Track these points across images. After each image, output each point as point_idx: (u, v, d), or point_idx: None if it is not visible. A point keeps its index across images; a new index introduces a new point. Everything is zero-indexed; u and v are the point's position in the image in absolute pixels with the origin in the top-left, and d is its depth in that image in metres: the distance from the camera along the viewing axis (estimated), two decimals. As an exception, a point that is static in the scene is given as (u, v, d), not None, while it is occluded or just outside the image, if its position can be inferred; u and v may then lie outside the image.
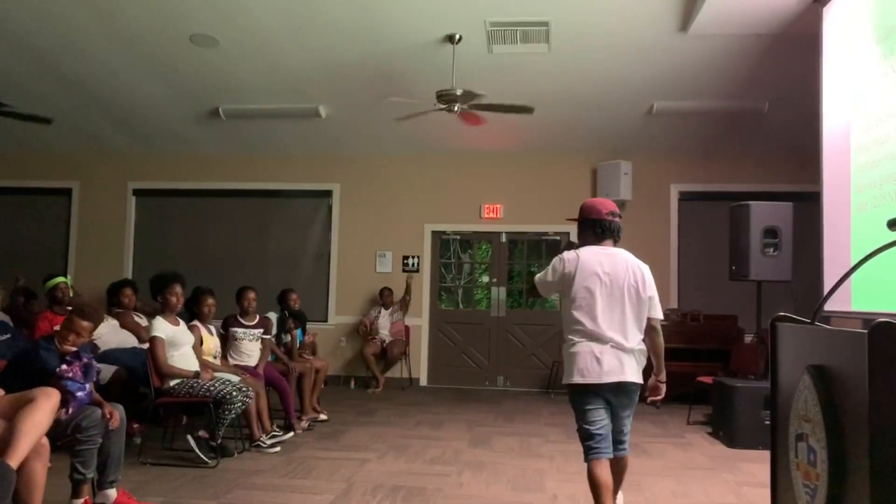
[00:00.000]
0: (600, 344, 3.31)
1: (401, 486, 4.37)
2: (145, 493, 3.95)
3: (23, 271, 8.29)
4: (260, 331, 6.02)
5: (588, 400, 3.34)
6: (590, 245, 3.45)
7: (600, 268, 3.35)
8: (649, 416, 7.30)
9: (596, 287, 3.33)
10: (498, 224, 9.39)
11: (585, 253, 3.40)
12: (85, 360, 3.59)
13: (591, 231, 3.47)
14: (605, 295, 3.33)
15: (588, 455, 3.30)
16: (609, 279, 3.34)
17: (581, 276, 3.34)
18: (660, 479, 4.72)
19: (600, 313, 3.32)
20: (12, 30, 6.50)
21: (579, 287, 3.34)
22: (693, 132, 8.33)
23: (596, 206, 3.52)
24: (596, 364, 3.30)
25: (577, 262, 3.36)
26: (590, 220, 3.47)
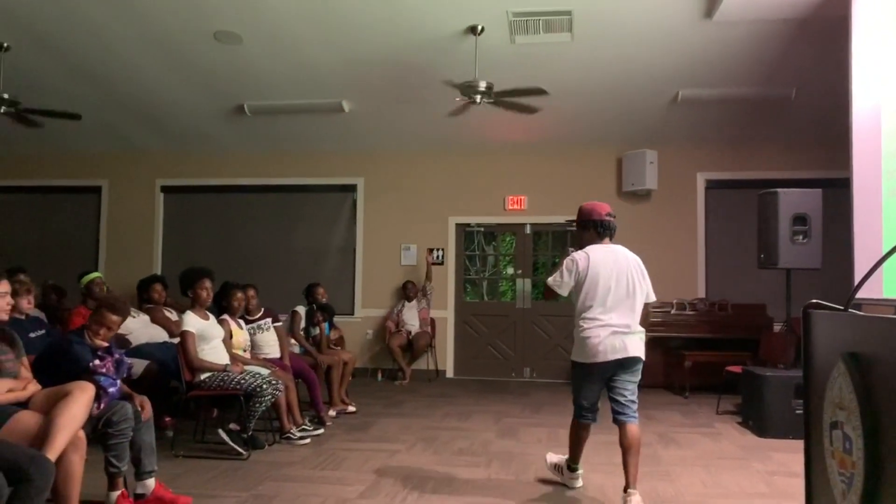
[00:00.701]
0: (609, 329, 3.85)
1: (430, 477, 4.40)
2: (179, 485, 4.02)
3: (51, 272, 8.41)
4: (268, 320, 6.09)
5: (589, 378, 3.96)
6: (593, 244, 4.00)
7: (607, 263, 3.91)
8: (678, 406, 7.27)
9: (604, 280, 3.88)
10: (522, 215, 9.37)
11: (593, 251, 3.95)
12: (117, 355, 3.65)
13: (594, 231, 4.03)
14: (613, 287, 3.88)
15: (578, 418, 4.10)
16: (615, 273, 3.90)
17: (593, 272, 3.89)
18: (690, 468, 4.70)
19: (610, 303, 3.87)
20: (41, 30, 6.60)
21: (591, 281, 3.88)
22: (719, 120, 8.24)
23: (596, 208, 4.07)
24: (605, 346, 3.84)
25: (587, 259, 3.91)
26: (592, 221, 4.03)
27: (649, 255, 8.76)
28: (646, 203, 9.03)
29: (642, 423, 6.21)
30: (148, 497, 3.61)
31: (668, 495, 4.07)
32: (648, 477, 4.45)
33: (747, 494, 4.15)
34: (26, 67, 7.17)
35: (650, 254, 8.76)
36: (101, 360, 3.55)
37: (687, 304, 8.53)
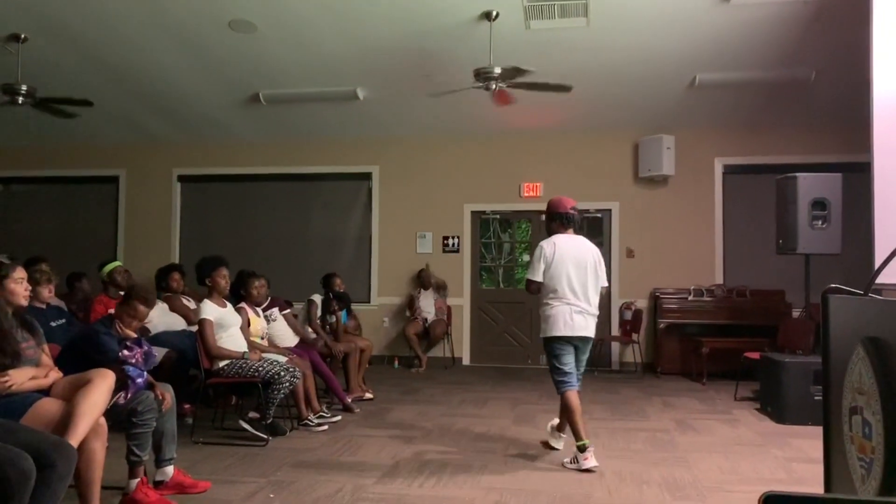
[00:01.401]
0: (572, 307, 4.44)
1: (447, 462, 4.42)
2: (198, 472, 4.06)
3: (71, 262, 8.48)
4: (274, 310, 6.14)
5: (562, 347, 4.49)
6: (559, 233, 4.55)
7: (570, 250, 4.48)
8: (696, 392, 7.25)
9: (569, 266, 4.45)
10: (538, 202, 9.31)
11: (559, 239, 4.51)
12: (145, 347, 3.68)
13: (560, 222, 4.58)
14: (575, 272, 4.45)
15: (563, 388, 4.47)
16: (577, 260, 4.47)
17: (559, 258, 4.45)
18: (707, 455, 4.68)
19: (574, 285, 4.45)
20: (58, 21, 6.63)
21: (558, 266, 4.44)
22: (737, 104, 8.15)
23: (562, 202, 4.62)
24: (571, 322, 4.43)
25: (554, 246, 4.48)
26: (558, 214, 4.57)
27: (666, 241, 8.83)
28: (663, 189, 8.96)
29: (660, 410, 6.24)
30: (167, 483, 3.66)
31: (685, 481, 4.06)
32: (666, 463, 4.45)
33: (765, 481, 4.13)
34: (44, 59, 7.22)
35: (667, 240, 8.84)
36: (130, 350, 3.58)
37: (704, 291, 8.48)
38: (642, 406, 6.47)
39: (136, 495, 3.42)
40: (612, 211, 9.14)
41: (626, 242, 9.06)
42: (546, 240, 4.55)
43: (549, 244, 4.49)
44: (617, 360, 9.00)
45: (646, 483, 4.02)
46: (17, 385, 2.99)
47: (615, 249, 9.10)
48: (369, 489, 3.88)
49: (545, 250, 4.48)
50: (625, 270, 9.05)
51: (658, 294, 8.66)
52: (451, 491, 3.86)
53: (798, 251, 6.29)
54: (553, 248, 4.46)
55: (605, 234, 9.24)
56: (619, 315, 9.01)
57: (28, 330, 3.22)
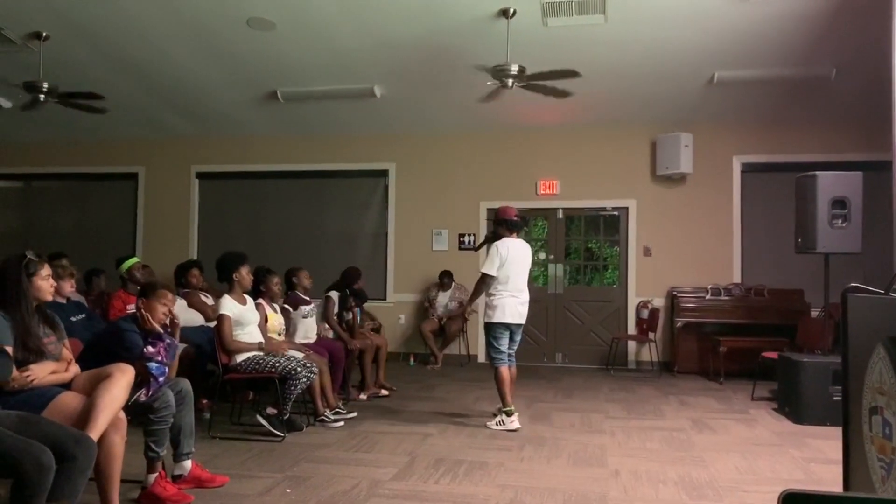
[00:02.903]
0: (516, 298, 5.43)
1: (462, 459, 4.42)
2: (216, 466, 4.09)
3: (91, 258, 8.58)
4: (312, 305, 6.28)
5: (504, 332, 5.44)
6: (506, 237, 5.47)
7: (516, 251, 5.44)
8: (713, 391, 7.21)
9: (515, 264, 5.41)
10: (554, 200, 9.31)
11: (508, 242, 5.45)
12: (168, 340, 3.70)
13: (507, 227, 5.50)
14: (518, 269, 5.43)
15: (499, 363, 5.40)
16: (520, 259, 5.45)
17: (510, 257, 5.39)
18: (724, 454, 4.66)
19: (518, 281, 5.44)
20: (78, 20, 6.70)
21: (508, 264, 5.39)
22: (756, 101, 8.09)
23: (509, 210, 5.59)
24: (515, 310, 5.43)
25: (507, 247, 5.41)
26: (506, 220, 5.51)
27: (683, 240, 8.79)
28: (680, 187, 8.92)
29: (676, 409, 6.21)
30: (185, 477, 3.69)
31: (701, 480, 4.04)
32: (682, 462, 4.43)
33: (783, 481, 4.10)
34: (64, 57, 7.29)
35: (684, 238, 8.80)
36: (154, 345, 3.60)
37: (722, 290, 8.42)
38: (659, 405, 6.44)
39: (154, 489, 3.45)
40: (629, 209, 9.10)
41: (643, 240, 9.02)
42: (500, 241, 5.44)
43: (503, 246, 5.41)
44: (633, 359, 8.97)
45: (662, 482, 4.01)
46: (38, 379, 3.03)
47: (632, 247, 9.06)
48: (385, 485, 3.89)
49: (500, 251, 5.38)
50: (641, 269, 9.01)
51: (675, 293, 8.62)
52: (466, 488, 3.86)
53: (817, 250, 6.23)
54: (507, 250, 5.39)
55: (621, 232, 9.20)
56: (636, 314, 8.98)
57: (49, 325, 3.26)
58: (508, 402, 5.35)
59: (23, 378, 2.97)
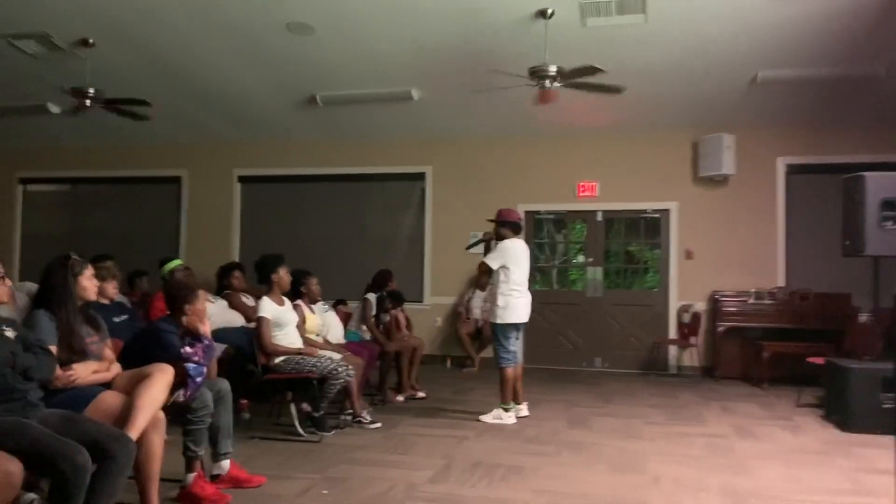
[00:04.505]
0: (525, 299, 5.69)
1: (499, 464, 4.39)
2: (254, 466, 4.12)
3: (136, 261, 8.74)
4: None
5: (514, 332, 5.68)
6: (511, 237, 5.71)
7: (520, 251, 5.70)
8: (756, 397, 7.05)
9: (520, 263, 5.67)
10: (593, 202, 9.22)
11: (514, 242, 5.70)
12: (206, 342, 3.73)
13: (511, 228, 5.76)
14: (524, 268, 5.70)
15: (508, 363, 5.62)
16: (525, 258, 5.72)
17: (515, 257, 5.65)
18: (769, 462, 4.54)
19: (523, 280, 5.69)
20: (124, 26, 6.85)
21: (514, 263, 5.62)
22: (801, 101, 7.90)
23: (513, 213, 5.90)
24: (524, 310, 5.68)
25: (514, 247, 5.66)
26: (510, 222, 5.77)
27: (726, 243, 8.63)
28: (723, 189, 8.75)
29: (718, 415, 6.10)
30: (223, 477, 3.72)
31: (745, 490, 3.94)
32: (724, 470, 4.33)
33: (830, 491, 3.98)
34: (110, 63, 7.45)
35: (727, 241, 8.63)
36: (192, 346, 3.64)
37: (766, 294, 8.24)
38: (700, 411, 6.32)
39: (192, 489, 3.49)
40: (671, 211, 8.97)
41: (685, 243, 8.87)
42: (510, 240, 5.68)
43: (510, 245, 5.65)
44: (674, 364, 8.83)
45: (703, 490, 3.92)
46: (81, 378, 3.08)
47: (673, 250, 8.92)
48: (421, 488, 3.88)
49: (509, 250, 5.64)
50: (683, 272, 8.86)
51: (717, 297, 8.46)
52: (502, 492, 3.83)
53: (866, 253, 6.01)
54: (513, 249, 5.64)
55: (662, 235, 9.07)
56: (677, 318, 8.84)
57: (92, 325, 3.32)
58: (509, 401, 5.64)
59: (66, 377, 3.03)
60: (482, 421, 5.58)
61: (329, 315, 6.29)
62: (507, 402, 5.62)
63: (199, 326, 3.74)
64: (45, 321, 3.09)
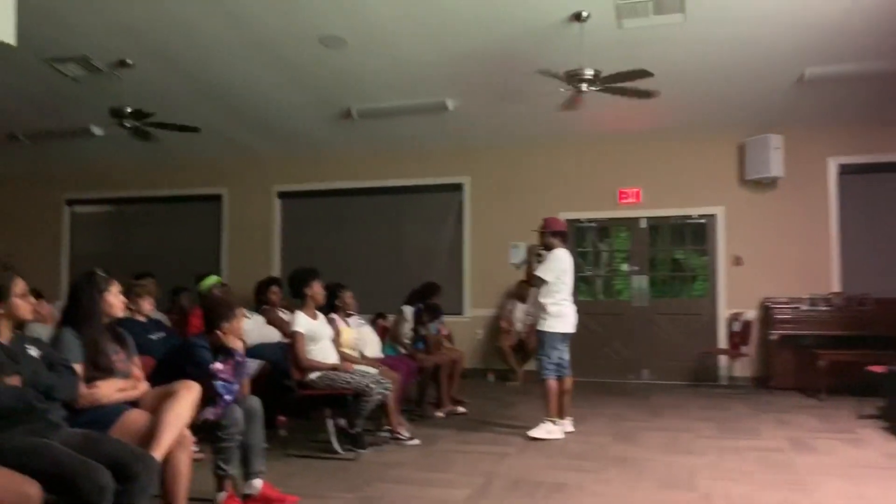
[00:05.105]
0: (572, 306, 5.63)
1: (541, 481, 4.21)
2: (289, 485, 4.02)
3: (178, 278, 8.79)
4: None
5: (561, 342, 5.58)
6: (559, 247, 5.63)
7: (570, 261, 5.67)
8: (813, 409, 6.74)
9: (570, 273, 5.63)
10: (636, 209, 8.99)
11: (563, 252, 5.63)
12: (238, 358, 3.67)
13: (560, 238, 5.69)
14: (571, 278, 5.66)
15: (550, 374, 5.51)
16: (571, 268, 5.66)
17: (566, 266, 5.60)
18: (828, 478, 4.27)
19: (570, 289, 5.64)
20: (158, 46, 6.90)
21: (565, 273, 5.58)
22: (852, 99, 7.57)
23: (559, 221, 5.85)
24: (572, 319, 5.61)
25: (565, 257, 5.60)
26: (559, 232, 5.70)
27: (776, 247, 8.31)
28: (771, 192, 8.45)
29: (773, 427, 5.82)
30: (255, 497, 3.63)
31: (803, 507, 3.71)
32: (780, 486, 4.09)
33: (897, 508, 3.72)
34: (148, 83, 7.54)
35: (777, 246, 8.31)
36: (223, 362, 3.58)
37: (820, 300, 7.89)
38: (754, 424, 6.04)
39: (223, 508, 3.41)
40: (717, 216, 8.69)
41: (733, 249, 8.58)
42: (560, 250, 5.60)
43: (561, 255, 5.58)
44: (725, 375, 8.51)
45: (758, 508, 3.69)
46: (106, 397, 3.03)
47: (721, 257, 8.64)
48: (458, 507, 3.73)
49: (561, 259, 5.56)
50: (732, 279, 8.56)
51: (769, 304, 8.14)
52: (543, 512, 3.67)
53: (928, 255, 5.73)
54: (565, 259, 5.59)
55: (708, 241, 8.79)
56: (727, 326, 8.53)
57: (118, 342, 3.27)
58: (555, 414, 5.50)
59: (91, 396, 2.98)
60: (531, 436, 5.35)
61: (365, 329, 6.20)
62: (554, 414, 5.48)
63: (232, 342, 3.68)
64: (71, 339, 3.05)
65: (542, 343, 5.56)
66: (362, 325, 6.18)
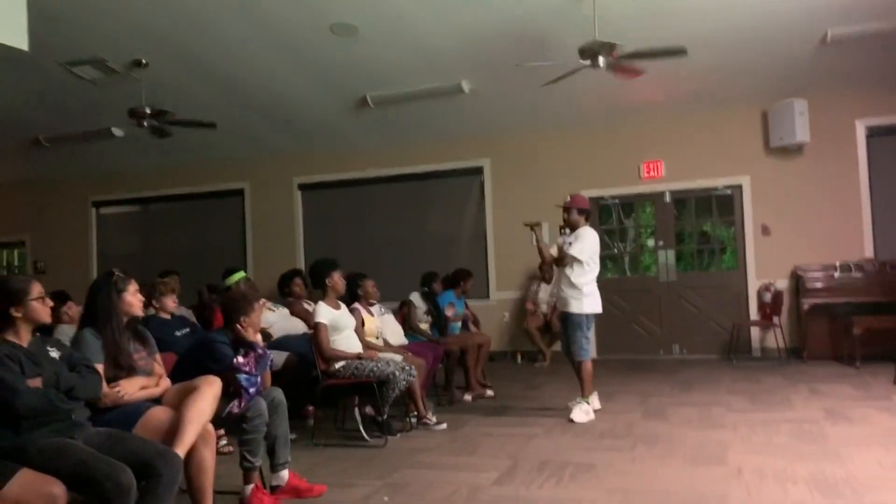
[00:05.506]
0: (598, 288, 5.50)
1: (568, 462, 4.18)
2: (317, 474, 4.05)
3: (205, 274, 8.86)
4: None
5: (591, 323, 5.51)
6: (583, 225, 5.50)
7: (598, 240, 5.53)
8: (848, 377, 6.61)
9: (597, 253, 5.50)
10: (660, 183, 8.85)
11: (593, 231, 5.51)
12: (259, 351, 3.68)
13: (586, 216, 5.56)
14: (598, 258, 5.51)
15: (586, 356, 5.46)
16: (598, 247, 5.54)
17: (597, 246, 5.50)
18: (864, 447, 4.18)
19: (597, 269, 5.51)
20: (176, 45, 6.93)
21: (596, 253, 5.46)
22: (878, 58, 7.32)
23: (585, 199, 5.67)
24: (600, 300, 5.51)
25: (595, 235, 5.49)
26: (585, 210, 5.56)
27: (805, 215, 8.14)
28: (798, 158, 8.26)
29: (806, 398, 5.72)
30: (283, 488, 3.65)
31: (837, 477, 3.62)
32: (813, 458, 4.01)
33: (935, 476, 3.62)
34: (164, 82, 7.58)
35: (806, 213, 8.14)
36: (245, 356, 3.59)
37: (853, 266, 7.72)
38: (787, 395, 5.94)
39: (251, 500, 3.43)
40: (743, 186, 8.53)
41: (761, 219, 8.41)
42: (589, 229, 5.47)
43: (593, 233, 5.47)
44: (757, 346, 8.39)
45: (791, 481, 3.62)
46: (128, 395, 3.06)
47: (749, 227, 8.48)
48: (486, 490, 3.72)
49: (594, 238, 5.44)
50: (761, 249, 8.41)
51: (800, 272, 7.98)
52: (571, 492, 3.63)
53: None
54: (596, 238, 5.47)
55: (735, 212, 8.64)
56: (758, 297, 8.39)
57: (139, 340, 3.30)
58: (589, 394, 5.46)
59: (114, 394, 3.01)
60: (574, 421, 5.18)
61: (388, 317, 6.20)
62: (589, 395, 5.44)
63: (252, 336, 3.69)
64: (91, 339, 3.07)
65: (578, 325, 5.38)
66: (385, 313, 6.18)
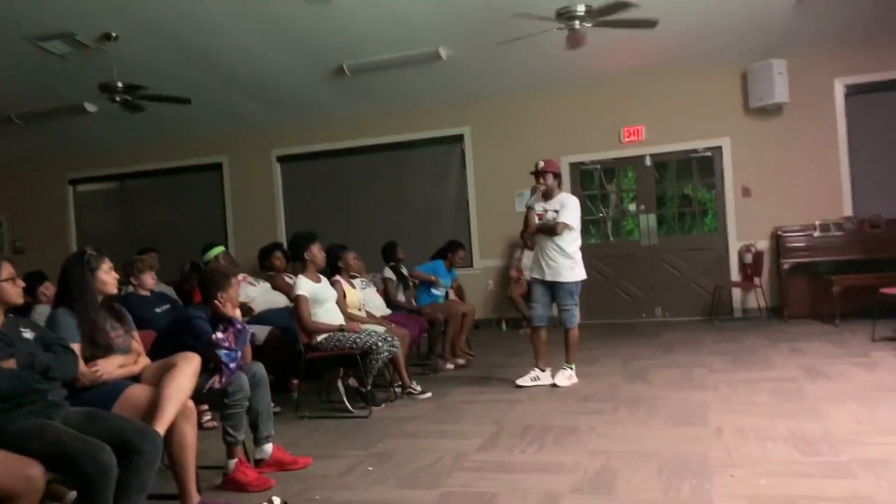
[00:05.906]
0: None
1: (552, 425, 4.22)
2: (300, 447, 4.06)
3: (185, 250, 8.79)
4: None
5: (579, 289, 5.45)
6: (559, 189, 5.50)
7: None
8: (828, 335, 6.70)
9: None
10: (641, 147, 8.83)
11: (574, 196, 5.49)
12: (238, 326, 3.65)
13: (560, 180, 5.57)
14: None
15: (576, 322, 5.48)
16: None
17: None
18: (841, 403, 4.24)
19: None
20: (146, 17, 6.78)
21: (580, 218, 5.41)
22: (855, 15, 7.29)
23: (558, 164, 5.64)
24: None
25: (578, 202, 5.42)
26: (559, 174, 5.52)
27: (785, 175, 8.16)
28: (777, 119, 8.26)
29: (787, 357, 5.79)
30: (267, 461, 3.66)
31: (815, 434, 3.68)
32: (792, 415, 4.07)
33: (911, 430, 3.69)
34: (136, 56, 7.42)
35: (786, 173, 8.17)
36: (224, 331, 3.57)
37: (832, 225, 7.78)
38: (768, 354, 6.01)
39: (235, 475, 3.43)
40: (723, 147, 8.53)
41: (741, 180, 8.43)
42: (570, 195, 5.51)
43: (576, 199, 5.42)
44: (739, 307, 8.47)
45: (770, 439, 3.67)
46: (107, 374, 3.03)
47: (729, 188, 8.50)
48: (469, 457, 3.75)
49: (578, 205, 5.37)
50: (741, 210, 8.44)
51: (780, 233, 8.03)
52: (553, 456, 3.67)
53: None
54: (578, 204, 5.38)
55: (716, 174, 8.65)
56: (739, 259, 8.44)
57: (116, 318, 3.27)
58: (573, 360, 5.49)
59: (91, 374, 2.98)
60: (559, 386, 5.26)
61: (370, 290, 6.19)
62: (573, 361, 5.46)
63: (230, 311, 3.67)
64: (65, 319, 3.04)
65: (570, 293, 5.36)
66: (367, 286, 6.17)
